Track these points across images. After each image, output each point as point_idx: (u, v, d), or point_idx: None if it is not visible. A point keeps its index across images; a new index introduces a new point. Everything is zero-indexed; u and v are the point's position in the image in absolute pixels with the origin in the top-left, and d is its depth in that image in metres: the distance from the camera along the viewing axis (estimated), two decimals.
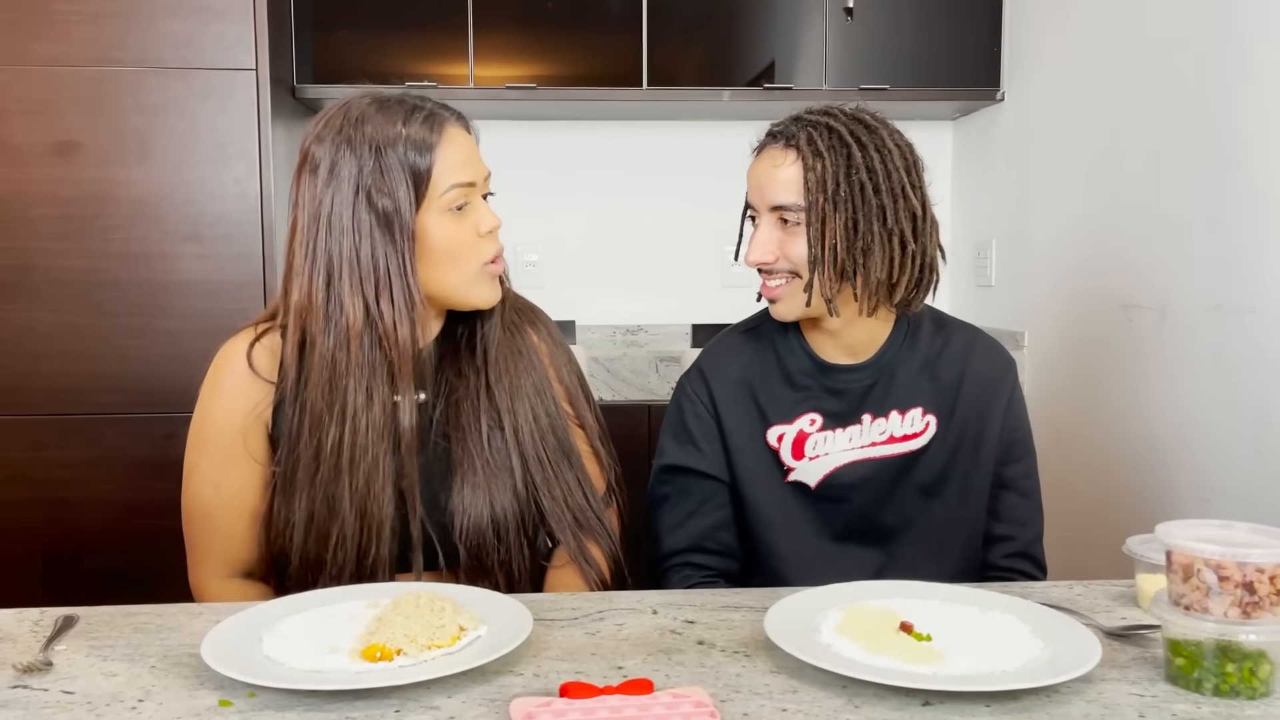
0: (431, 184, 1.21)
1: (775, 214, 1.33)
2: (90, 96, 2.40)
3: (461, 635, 0.96)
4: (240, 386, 1.29)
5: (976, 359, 1.44)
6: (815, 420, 1.40)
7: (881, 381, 1.41)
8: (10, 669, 0.95)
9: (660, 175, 3.21)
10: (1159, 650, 0.98)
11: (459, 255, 1.23)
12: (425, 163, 1.20)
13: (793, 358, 1.43)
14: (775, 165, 1.32)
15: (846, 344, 1.40)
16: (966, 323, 1.50)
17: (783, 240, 1.33)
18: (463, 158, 1.23)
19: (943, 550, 1.41)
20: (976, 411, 1.42)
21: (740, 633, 1.04)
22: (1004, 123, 2.87)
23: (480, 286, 1.26)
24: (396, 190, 1.19)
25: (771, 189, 1.32)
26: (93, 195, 2.42)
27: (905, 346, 1.42)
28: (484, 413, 1.30)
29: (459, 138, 1.24)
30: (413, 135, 1.20)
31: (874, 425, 1.40)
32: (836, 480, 1.40)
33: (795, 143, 1.31)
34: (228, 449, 1.28)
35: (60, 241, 2.41)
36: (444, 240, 1.22)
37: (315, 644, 0.96)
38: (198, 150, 2.44)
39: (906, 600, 1.08)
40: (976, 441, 1.41)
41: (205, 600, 1.29)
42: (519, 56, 2.78)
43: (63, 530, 2.45)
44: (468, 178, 1.23)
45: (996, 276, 2.90)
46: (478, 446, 1.29)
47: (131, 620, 1.09)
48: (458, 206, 1.23)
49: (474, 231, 1.24)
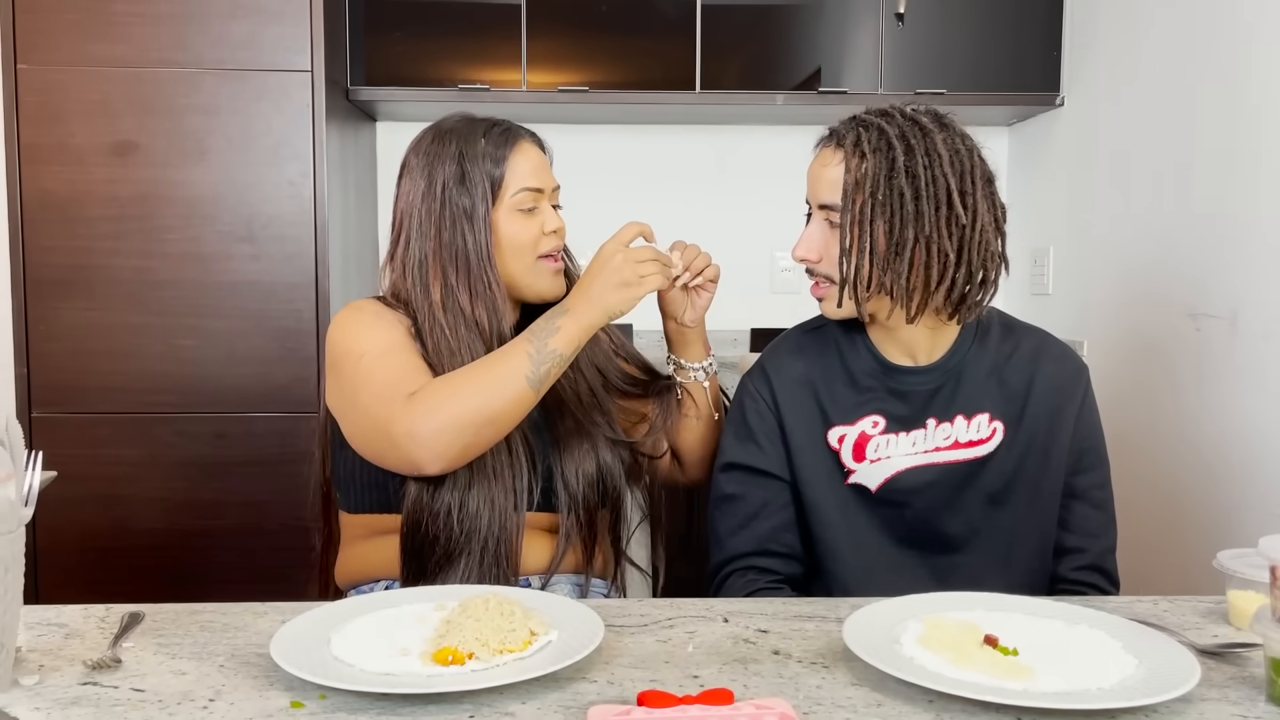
0: (504, 187, 1.40)
1: (823, 213, 1.33)
2: (148, 97, 2.42)
3: (533, 640, 0.94)
4: (382, 310, 1.41)
5: (1047, 364, 1.39)
6: (878, 423, 1.37)
7: (947, 385, 1.37)
8: (80, 665, 0.95)
9: (712, 180, 3.18)
10: (1258, 670, 0.94)
11: (523, 247, 1.40)
12: (500, 170, 1.40)
13: (856, 358, 1.40)
14: (824, 164, 1.33)
15: (909, 346, 1.37)
16: (1036, 327, 1.46)
17: (828, 240, 1.32)
18: (532, 167, 1.42)
19: (1010, 561, 1.37)
20: (1046, 418, 1.37)
21: (816, 643, 1.01)
22: (1063, 128, 2.82)
23: (541, 278, 1.43)
24: (475, 190, 1.38)
25: (818, 187, 1.33)
26: (149, 195, 2.44)
27: (973, 350, 1.39)
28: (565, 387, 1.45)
29: (530, 151, 1.43)
30: (490, 146, 1.40)
31: (938, 430, 1.37)
32: (898, 485, 1.37)
33: (844, 142, 1.31)
34: (393, 336, 1.36)
35: (116, 241, 2.44)
36: (512, 234, 1.40)
37: (385, 646, 0.94)
38: (252, 151, 2.45)
39: (988, 613, 1.05)
40: (1046, 449, 1.37)
41: (416, 426, 1.25)
42: (572, 61, 2.77)
43: (115, 528, 2.47)
44: (536, 184, 1.42)
45: (1054, 285, 2.84)
46: (569, 410, 1.44)
47: (197, 618, 1.08)
48: (527, 209, 1.41)
49: (538, 230, 1.42)
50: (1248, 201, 2.01)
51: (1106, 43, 2.60)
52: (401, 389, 1.28)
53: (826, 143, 1.35)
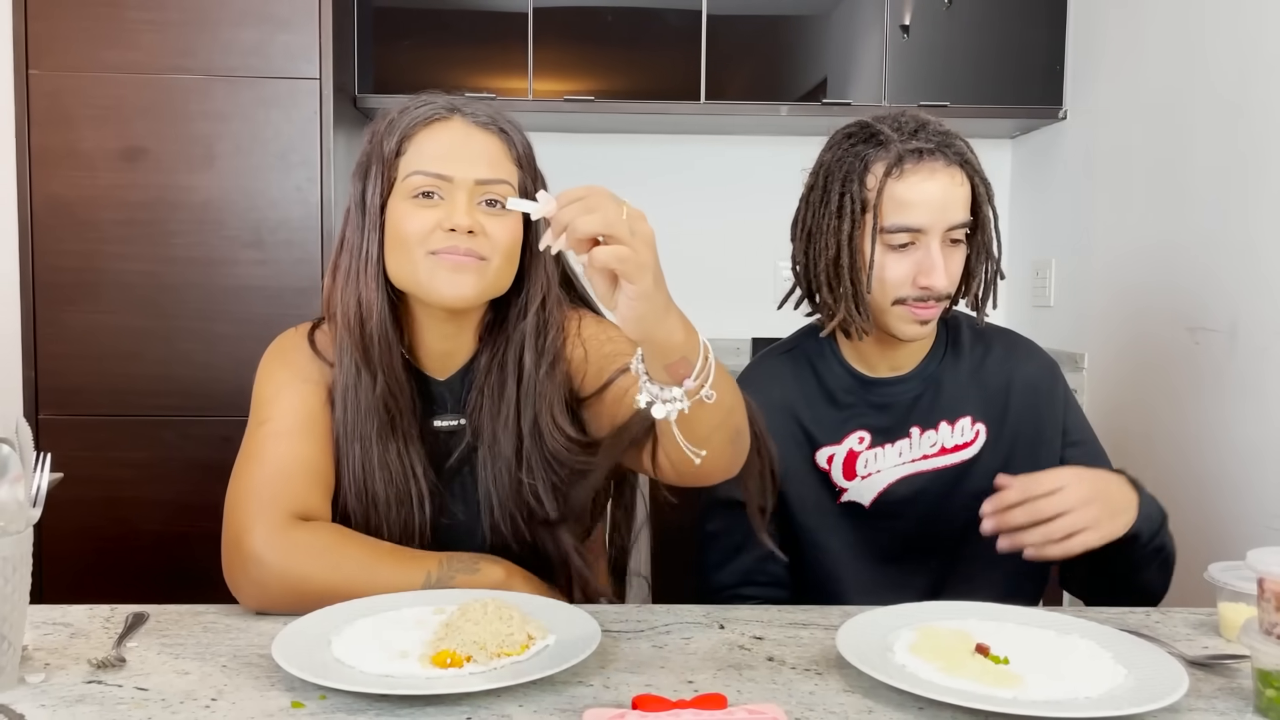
0: (399, 169, 1.17)
1: (949, 234, 1.31)
2: (158, 103, 2.44)
3: (530, 644, 0.95)
4: (305, 366, 1.25)
5: (1021, 362, 1.43)
6: (864, 438, 1.39)
7: (928, 392, 1.40)
8: (85, 664, 0.96)
9: (715, 190, 3.20)
10: (1246, 681, 0.95)
11: (405, 240, 1.15)
12: (393, 148, 1.17)
13: (832, 376, 1.41)
14: (957, 184, 1.30)
15: (892, 356, 1.39)
16: (1001, 327, 1.49)
17: (948, 262, 1.31)
18: (443, 150, 1.16)
19: (1002, 559, 1.37)
20: (1030, 416, 1.40)
21: (810, 650, 1.03)
22: (1066, 141, 2.84)
23: (433, 278, 1.15)
24: (370, 174, 1.19)
25: (952, 208, 1.30)
26: (158, 200, 2.45)
27: (949, 355, 1.42)
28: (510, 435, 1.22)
29: (448, 132, 1.18)
30: (397, 123, 1.19)
31: (924, 438, 1.38)
32: (890, 497, 1.38)
33: (962, 159, 1.31)
34: (304, 410, 1.22)
35: (125, 245, 2.45)
36: (395, 223, 1.16)
37: (384, 649, 0.96)
38: (260, 157, 2.47)
39: (980, 622, 1.06)
40: (1033, 446, 1.39)
41: (269, 556, 1.10)
42: (577, 70, 2.79)
43: (119, 530, 2.48)
44: (440, 169, 1.15)
45: (1055, 297, 2.85)
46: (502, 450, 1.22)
47: (200, 619, 1.10)
48: (423, 194, 1.15)
49: (435, 224, 1.15)
50: (1247, 216, 2.02)
51: (1109, 56, 2.62)
52: (284, 499, 1.14)
53: (933, 158, 1.30)
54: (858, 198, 1.31)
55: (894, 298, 1.31)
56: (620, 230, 0.86)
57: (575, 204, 0.87)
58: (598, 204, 0.87)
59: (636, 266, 0.87)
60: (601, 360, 1.22)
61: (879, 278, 1.31)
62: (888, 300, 1.32)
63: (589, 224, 0.86)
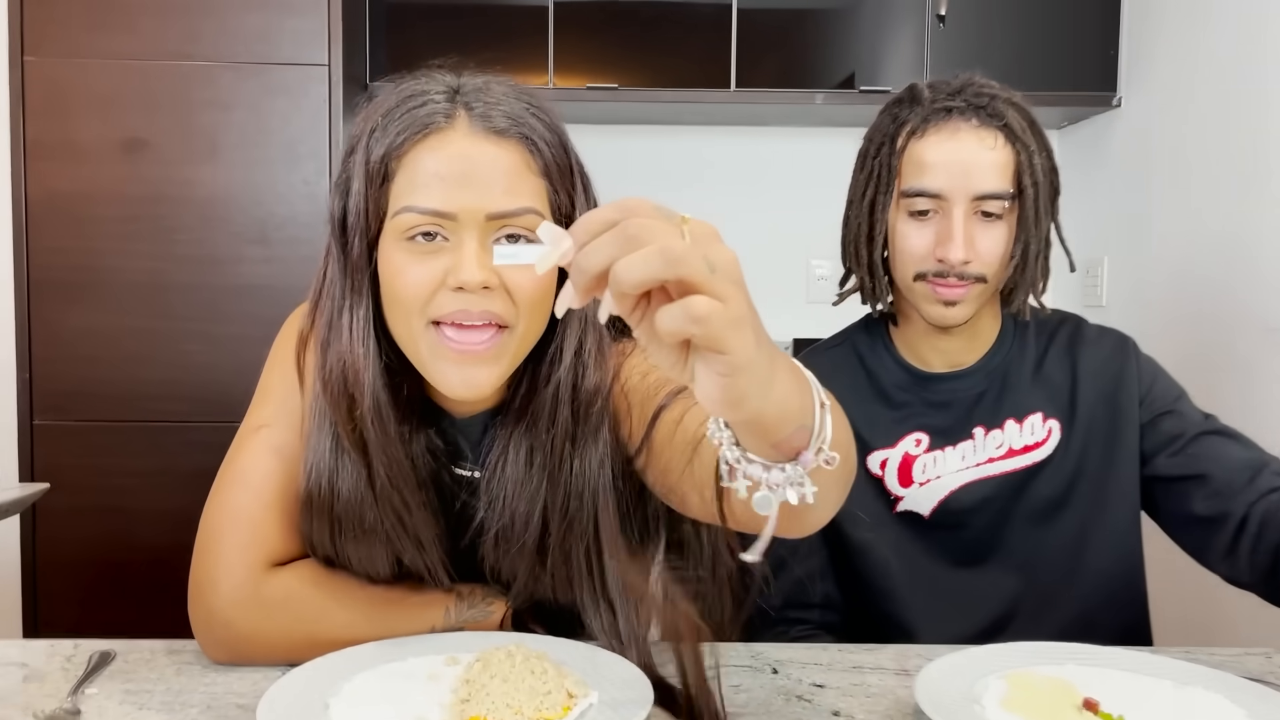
0: (388, 201, 0.89)
1: (976, 204, 1.17)
2: (159, 92, 2.31)
3: (572, 704, 0.80)
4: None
5: (1088, 348, 1.27)
6: (921, 440, 1.25)
7: (992, 388, 1.25)
8: (30, 718, 0.82)
9: (745, 185, 3.05)
10: None
11: (402, 302, 0.88)
12: (378, 169, 0.89)
13: (885, 371, 1.28)
14: (987, 146, 1.16)
15: (948, 349, 1.25)
16: (1062, 312, 1.33)
17: (977, 236, 1.17)
18: (443, 172, 0.87)
19: (1081, 569, 1.23)
20: (1104, 406, 1.24)
21: (882, 702, 0.88)
22: (1120, 130, 2.67)
23: (436, 364, 0.89)
24: (351, 203, 0.91)
25: (980, 173, 1.16)
26: (159, 195, 2.33)
27: (1015, 345, 1.27)
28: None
29: (456, 145, 0.88)
30: (382, 134, 0.90)
31: (989, 439, 1.24)
32: (953, 505, 1.24)
33: (1004, 122, 1.17)
34: (294, 419, 1.01)
35: (124, 242, 2.33)
36: (389, 280, 0.89)
37: (397, 712, 0.80)
38: (267, 149, 2.34)
39: (1081, 668, 0.90)
40: (1110, 440, 1.24)
41: (238, 618, 0.93)
42: (601, 57, 2.65)
43: (118, 542, 2.35)
44: (439, 203, 0.86)
45: (1108, 296, 2.69)
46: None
47: (175, 658, 0.96)
48: (421, 234, 0.87)
49: (437, 279, 0.87)
50: None
51: (1168, 39, 2.45)
52: (261, 540, 0.95)
53: (965, 119, 1.17)
54: (886, 162, 1.21)
55: (914, 272, 1.20)
56: (694, 271, 0.52)
57: (607, 238, 0.54)
58: (644, 230, 0.53)
59: (727, 324, 0.53)
60: (644, 398, 0.92)
61: (898, 248, 1.21)
62: (909, 275, 1.21)
63: (639, 270, 0.52)
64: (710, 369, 0.55)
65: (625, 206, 0.55)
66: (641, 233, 0.53)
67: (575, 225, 0.55)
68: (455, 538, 0.99)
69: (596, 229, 0.54)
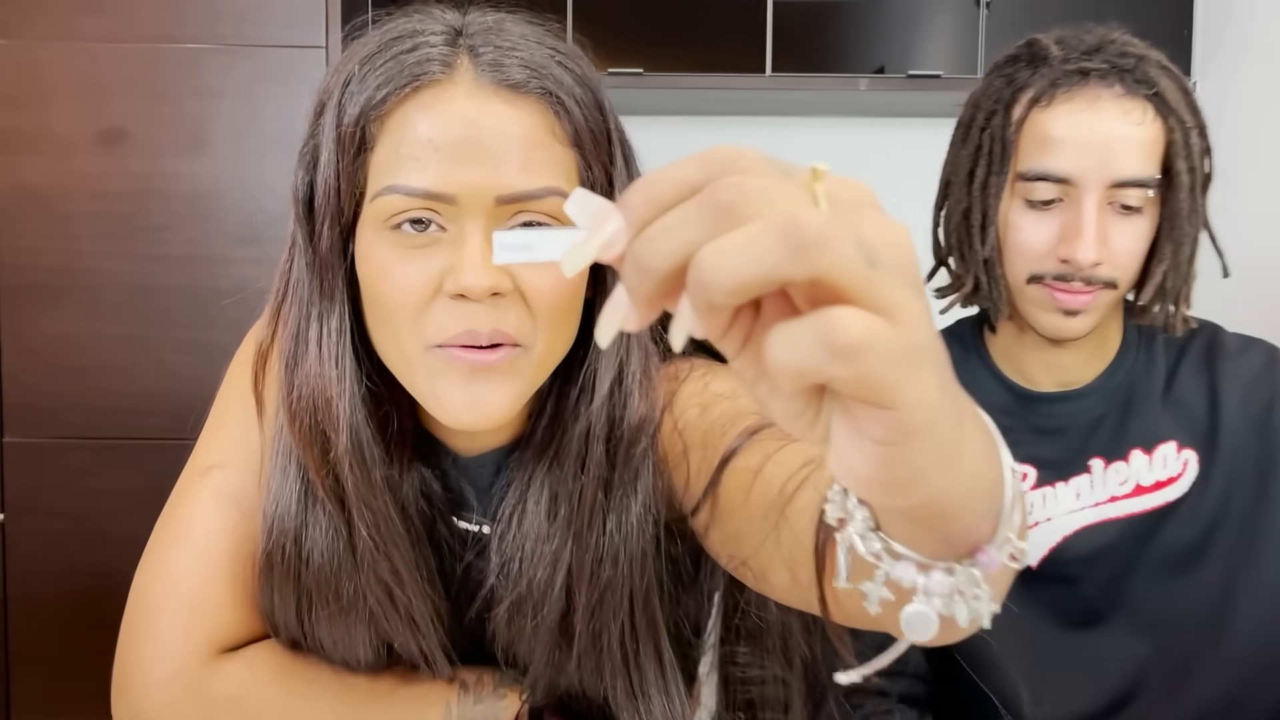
0: (367, 177, 0.71)
1: (1113, 193, 0.97)
2: (141, 77, 2.17)
3: None
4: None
5: (1229, 362, 1.07)
6: (1026, 475, 1.06)
7: (1114, 412, 1.07)
8: None
9: None
10: None
11: (390, 313, 0.70)
12: (353, 136, 0.69)
13: (980, 390, 1.09)
14: (1134, 121, 0.96)
15: (1060, 366, 1.07)
16: (1200, 320, 1.12)
17: (1111, 232, 0.98)
18: (432, 139, 0.67)
19: (1225, 635, 1.04)
20: (1253, 434, 1.05)
21: None
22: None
23: (435, 387, 0.70)
24: (320, 182, 0.72)
25: (1122, 154, 0.96)
26: (141, 190, 2.19)
27: (1140, 359, 1.08)
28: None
29: (456, 103, 0.68)
30: (358, 89, 0.70)
31: (1109, 472, 1.05)
32: (1066, 554, 1.05)
33: (1155, 90, 0.96)
34: (252, 459, 0.84)
35: (103, 242, 2.18)
36: (370, 280, 0.71)
37: None
38: (258, 140, 2.19)
39: None
40: (1260, 473, 1.04)
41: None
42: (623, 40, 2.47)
43: (97, 569, 2.21)
44: (425, 182, 0.67)
45: None
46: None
47: None
48: (409, 222, 0.69)
49: (430, 281, 0.69)
50: None
51: (1247, 17, 2.34)
52: (207, 620, 0.79)
53: (1106, 85, 0.96)
54: (999, 135, 1.00)
55: (1029, 273, 1.00)
56: (839, 264, 0.32)
57: (686, 211, 0.34)
58: (749, 195, 0.33)
59: (895, 358, 0.32)
60: (706, 438, 0.70)
61: (1010, 243, 1.00)
62: (1022, 276, 1.01)
63: (743, 264, 0.32)
64: (861, 431, 0.33)
65: (715, 158, 0.35)
66: (745, 199, 0.32)
67: (630, 192, 0.35)
68: (458, 610, 0.79)
69: (666, 197, 0.34)
